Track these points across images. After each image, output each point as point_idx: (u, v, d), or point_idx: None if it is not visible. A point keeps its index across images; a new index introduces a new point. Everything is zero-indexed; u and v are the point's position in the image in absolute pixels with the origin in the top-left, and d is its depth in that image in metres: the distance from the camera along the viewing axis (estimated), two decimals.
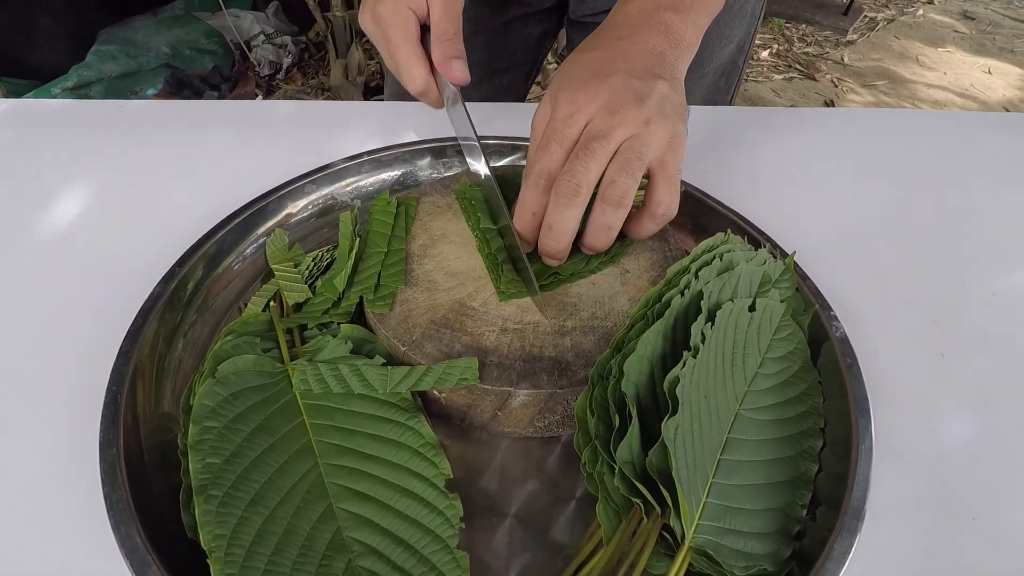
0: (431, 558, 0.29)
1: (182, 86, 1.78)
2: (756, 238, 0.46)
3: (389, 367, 0.35)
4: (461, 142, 0.44)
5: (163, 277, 0.39)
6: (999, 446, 0.38)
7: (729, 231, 0.41)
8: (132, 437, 0.32)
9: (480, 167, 0.43)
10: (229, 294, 0.42)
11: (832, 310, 0.41)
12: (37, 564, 0.30)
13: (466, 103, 0.42)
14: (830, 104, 2.47)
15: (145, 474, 0.31)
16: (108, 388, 0.33)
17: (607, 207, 0.36)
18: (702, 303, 0.35)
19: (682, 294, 0.35)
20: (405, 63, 0.41)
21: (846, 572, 0.29)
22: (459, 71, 0.40)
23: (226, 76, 1.88)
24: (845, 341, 0.39)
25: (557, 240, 0.37)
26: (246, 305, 0.40)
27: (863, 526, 0.30)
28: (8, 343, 0.40)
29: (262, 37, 2.15)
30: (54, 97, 1.70)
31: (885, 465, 0.36)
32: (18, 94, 1.72)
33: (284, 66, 2.15)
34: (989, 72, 2.75)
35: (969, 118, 0.74)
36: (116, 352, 0.35)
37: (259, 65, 2.10)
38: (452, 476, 0.32)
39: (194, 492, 0.27)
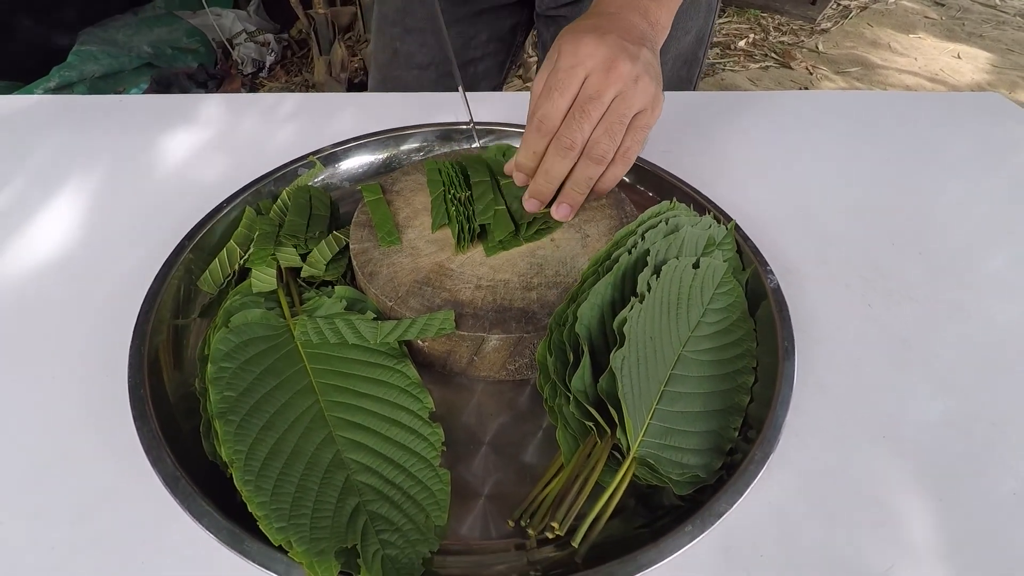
0: (417, 474, 0.34)
1: (169, 84, 1.81)
2: (704, 206, 0.51)
3: (379, 321, 0.40)
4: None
5: (174, 249, 0.44)
6: (912, 377, 0.44)
7: (675, 199, 0.46)
8: (156, 382, 0.37)
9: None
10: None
11: (768, 266, 0.46)
12: (80, 490, 0.35)
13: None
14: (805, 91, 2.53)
15: (170, 412, 0.36)
16: (132, 343, 0.38)
17: (590, 162, 0.43)
18: (648, 258, 0.40)
19: (629, 252, 0.41)
20: None
21: (769, 476, 0.35)
22: None
23: (212, 74, 1.91)
24: (777, 290, 0.44)
25: (550, 183, 0.44)
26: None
27: (782, 437, 0.36)
28: (37, 315, 0.45)
29: (244, 35, 2.17)
30: None
31: (809, 394, 0.42)
32: (1, 94, 1.74)
33: (267, 64, 2.18)
34: (958, 57, 2.83)
35: (911, 98, 0.80)
36: (137, 313, 0.40)
37: (242, 63, 2.13)
38: (435, 410, 0.37)
39: (214, 417, 0.32)
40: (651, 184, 0.56)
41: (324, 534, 0.30)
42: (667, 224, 0.44)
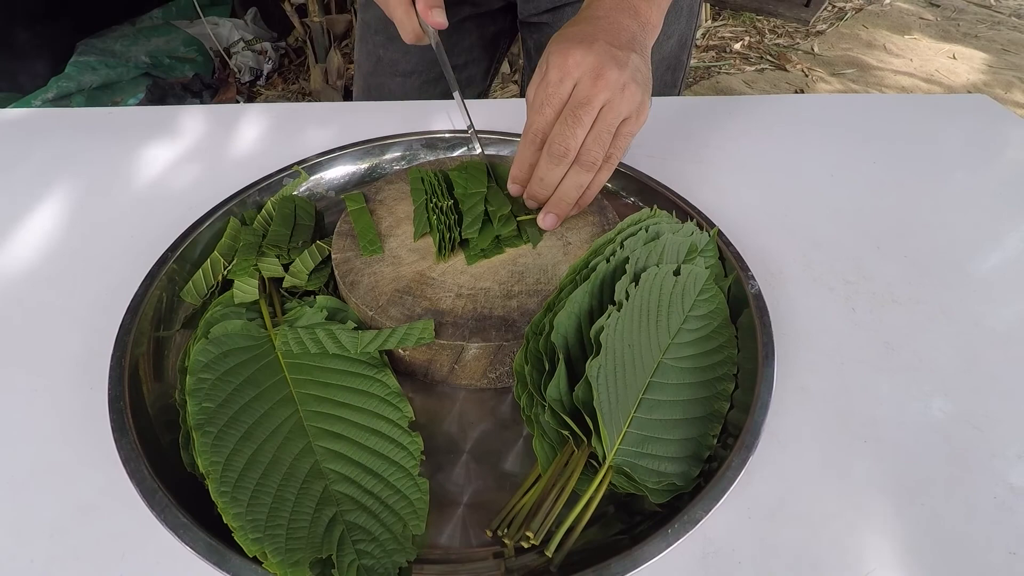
0: (396, 484, 0.34)
1: (164, 94, 1.82)
2: (688, 212, 0.51)
3: (359, 331, 0.40)
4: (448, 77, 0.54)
5: (158, 260, 0.44)
6: (895, 380, 0.44)
7: (655, 206, 0.46)
8: (136, 395, 0.37)
9: (457, 97, 0.54)
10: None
11: (750, 272, 0.46)
12: (60, 503, 0.35)
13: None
14: (800, 93, 2.54)
15: (149, 425, 0.36)
16: (113, 354, 0.38)
17: (581, 169, 0.44)
18: (627, 266, 0.40)
19: (608, 261, 0.41)
20: (399, 19, 0.50)
21: (748, 481, 0.35)
22: (437, 16, 0.49)
23: (207, 83, 1.92)
24: (759, 296, 0.44)
25: (546, 189, 0.45)
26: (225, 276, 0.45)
27: (761, 442, 0.36)
28: (21, 324, 0.45)
29: (242, 44, 2.18)
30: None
31: (791, 398, 0.42)
32: None
33: (264, 72, 2.19)
34: (954, 57, 2.84)
35: (897, 101, 0.80)
36: (118, 326, 0.40)
37: (239, 72, 2.14)
38: (415, 419, 0.37)
39: (192, 428, 0.32)
40: (634, 191, 0.56)
41: (300, 544, 0.30)
42: (647, 232, 0.44)
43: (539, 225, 0.47)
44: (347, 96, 2.13)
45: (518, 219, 0.47)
